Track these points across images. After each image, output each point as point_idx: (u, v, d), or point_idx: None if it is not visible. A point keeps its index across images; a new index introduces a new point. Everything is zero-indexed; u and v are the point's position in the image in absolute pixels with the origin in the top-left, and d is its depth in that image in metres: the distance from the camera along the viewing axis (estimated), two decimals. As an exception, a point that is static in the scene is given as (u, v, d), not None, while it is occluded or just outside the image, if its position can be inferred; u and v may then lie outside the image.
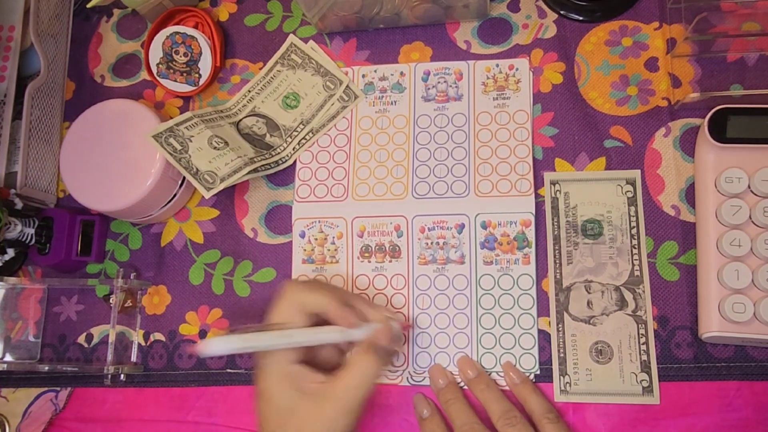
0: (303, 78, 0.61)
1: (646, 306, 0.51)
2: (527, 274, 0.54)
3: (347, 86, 0.60)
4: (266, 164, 0.58)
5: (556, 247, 0.54)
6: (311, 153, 0.60)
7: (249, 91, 0.62)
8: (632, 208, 0.53)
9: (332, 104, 0.60)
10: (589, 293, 0.52)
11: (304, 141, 0.59)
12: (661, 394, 0.50)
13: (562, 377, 0.51)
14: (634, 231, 0.52)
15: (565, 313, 0.52)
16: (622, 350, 0.51)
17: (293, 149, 0.59)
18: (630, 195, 0.53)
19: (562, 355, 0.52)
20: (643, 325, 0.51)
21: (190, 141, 0.56)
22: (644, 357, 0.50)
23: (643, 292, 0.52)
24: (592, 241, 0.53)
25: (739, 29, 0.54)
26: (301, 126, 0.59)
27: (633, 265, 0.52)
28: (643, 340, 0.51)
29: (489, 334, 0.53)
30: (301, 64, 0.60)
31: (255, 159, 0.57)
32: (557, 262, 0.54)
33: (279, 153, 0.59)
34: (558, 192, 0.54)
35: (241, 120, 0.59)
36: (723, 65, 0.55)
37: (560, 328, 0.52)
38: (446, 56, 0.60)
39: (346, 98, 0.59)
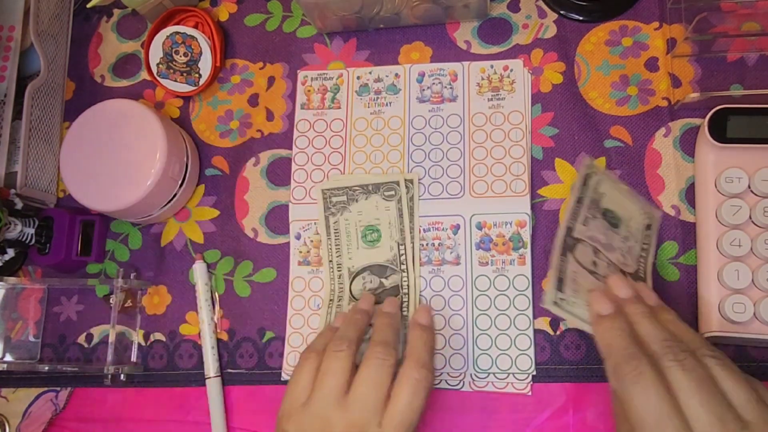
0: (363, 210, 0.57)
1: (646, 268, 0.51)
2: (523, 275, 0.54)
3: (402, 180, 0.57)
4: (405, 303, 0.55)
5: (578, 206, 0.50)
6: (306, 154, 0.60)
7: (330, 262, 0.57)
8: (648, 234, 0.52)
9: (404, 203, 0.56)
10: (596, 257, 0.49)
11: (413, 254, 0.56)
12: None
13: (557, 291, 0.47)
14: (645, 246, 0.52)
15: (569, 254, 0.48)
16: None
17: (414, 270, 0.55)
18: (648, 224, 0.52)
19: (561, 277, 0.48)
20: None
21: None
22: None
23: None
24: (609, 226, 0.51)
25: (739, 29, 0.54)
26: (400, 246, 0.56)
27: (639, 266, 0.51)
28: None
29: (485, 335, 0.53)
30: (346, 201, 0.57)
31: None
32: (574, 216, 0.50)
33: (406, 287, 0.55)
34: (594, 174, 0.51)
35: (351, 290, 0.56)
36: (723, 65, 0.55)
37: (564, 260, 0.48)
38: (446, 56, 0.60)
39: (409, 186, 0.57)
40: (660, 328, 0.40)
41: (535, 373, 0.52)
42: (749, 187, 0.50)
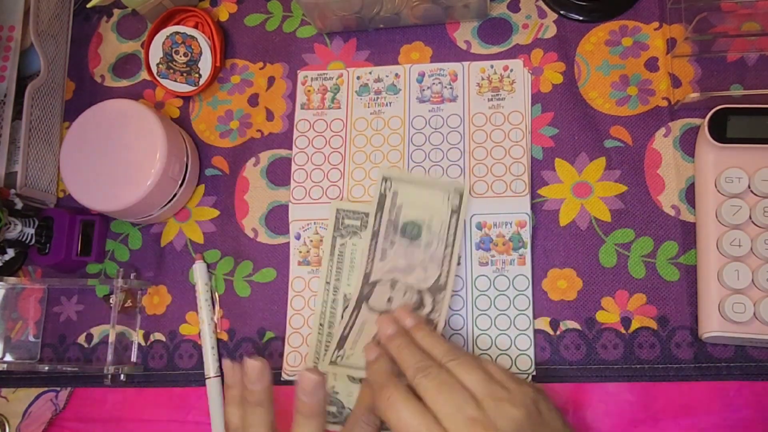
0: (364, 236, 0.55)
1: (441, 313, 0.51)
2: (523, 275, 0.54)
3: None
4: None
5: (373, 242, 0.53)
6: (306, 154, 0.60)
7: (327, 284, 0.56)
8: (453, 219, 0.53)
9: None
10: (392, 290, 0.52)
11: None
12: (661, 394, 0.50)
13: (338, 350, 0.52)
14: (450, 240, 0.52)
15: (364, 304, 0.53)
16: None
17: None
18: (455, 206, 0.53)
19: (346, 333, 0.52)
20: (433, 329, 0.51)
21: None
22: None
23: (443, 299, 0.52)
24: (409, 242, 0.53)
25: (739, 29, 0.54)
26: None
27: (441, 272, 0.52)
28: None
29: (485, 336, 0.53)
30: (359, 227, 0.55)
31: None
32: (371, 256, 0.53)
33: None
34: (388, 189, 0.53)
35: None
36: (723, 65, 0.55)
37: (354, 315, 0.52)
38: (446, 56, 0.60)
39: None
40: (414, 352, 0.45)
41: (535, 373, 0.52)
42: (749, 187, 0.50)
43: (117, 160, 0.57)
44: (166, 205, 0.59)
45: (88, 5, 0.66)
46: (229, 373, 0.48)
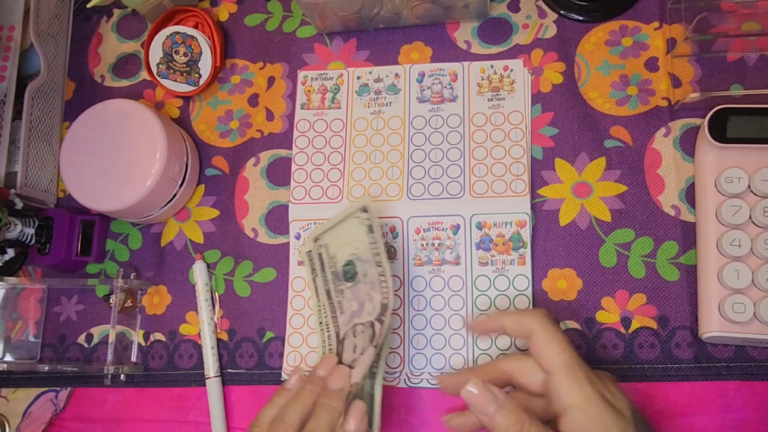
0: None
1: (382, 334, 0.47)
2: (523, 275, 0.54)
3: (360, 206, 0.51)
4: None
5: (330, 302, 0.52)
6: (306, 154, 0.60)
7: (320, 323, 0.53)
8: (371, 236, 0.48)
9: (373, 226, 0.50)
10: (355, 337, 0.49)
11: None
12: (661, 394, 0.50)
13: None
14: (378, 259, 0.48)
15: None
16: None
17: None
18: (367, 223, 0.48)
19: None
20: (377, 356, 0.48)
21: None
22: None
23: (385, 319, 0.48)
24: (352, 284, 0.50)
25: (739, 29, 0.54)
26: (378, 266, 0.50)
27: (382, 294, 0.48)
28: None
29: (485, 336, 0.53)
30: (321, 247, 0.53)
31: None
32: (333, 315, 0.51)
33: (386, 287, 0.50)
34: (321, 247, 0.50)
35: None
36: (723, 65, 0.55)
37: None
38: (446, 56, 0.60)
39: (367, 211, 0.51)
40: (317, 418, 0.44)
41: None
42: (749, 187, 0.50)
43: (117, 160, 0.57)
44: (166, 205, 0.59)
45: (88, 5, 0.66)
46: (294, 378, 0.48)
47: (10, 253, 0.60)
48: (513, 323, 0.46)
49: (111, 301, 0.59)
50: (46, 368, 0.59)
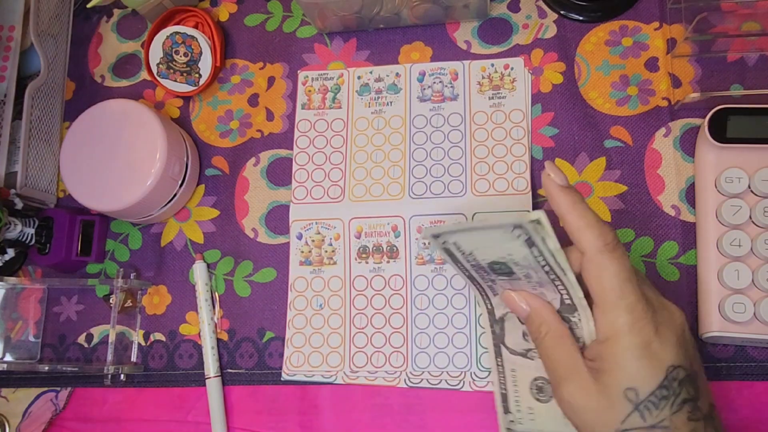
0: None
1: (584, 336, 0.41)
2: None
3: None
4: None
5: (476, 284, 0.46)
6: (307, 154, 0.60)
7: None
8: (534, 249, 0.39)
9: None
10: (522, 323, 0.45)
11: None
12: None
13: (505, 415, 0.46)
14: (547, 269, 0.40)
15: (502, 346, 0.47)
16: None
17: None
18: (526, 238, 0.39)
19: (503, 391, 0.46)
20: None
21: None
22: None
23: (579, 320, 0.41)
24: (507, 277, 0.43)
25: (739, 29, 0.54)
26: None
27: (561, 294, 0.42)
28: None
29: (488, 334, 0.53)
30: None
31: None
32: (483, 293, 0.46)
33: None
34: (445, 243, 0.42)
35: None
36: (723, 65, 0.55)
37: (499, 363, 0.47)
38: (446, 56, 0.60)
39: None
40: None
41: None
42: (749, 187, 0.50)
43: (117, 160, 0.57)
44: (166, 205, 0.59)
45: (88, 5, 0.65)
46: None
47: (10, 253, 0.60)
48: (581, 228, 0.40)
49: (111, 301, 0.59)
50: (46, 368, 0.59)
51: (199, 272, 0.59)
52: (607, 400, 0.38)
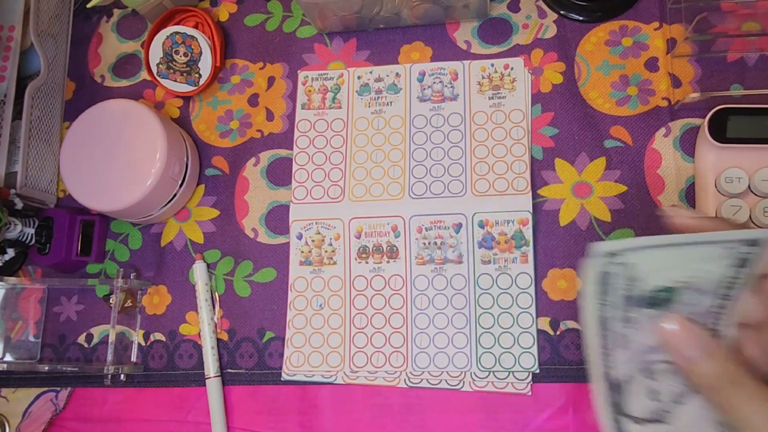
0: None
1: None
2: (525, 273, 0.54)
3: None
4: None
5: (604, 333, 0.36)
6: (307, 154, 0.60)
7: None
8: (743, 270, 0.33)
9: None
10: (652, 378, 0.36)
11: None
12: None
13: None
14: (732, 293, 0.34)
15: (623, 418, 0.36)
16: None
17: None
18: (742, 257, 0.33)
19: None
20: None
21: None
22: None
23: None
24: (656, 311, 0.35)
25: (739, 29, 0.54)
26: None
27: (708, 320, 0.35)
28: None
29: (488, 334, 0.53)
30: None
31: None
32: (605, 350, 0.36)
33: None
34: (612, 264, 0.34)
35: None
36: (723, 65, 0.55)
37: None
38: (446, 56, 0.60)
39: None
40: None
41: (538, 371, 0.52)
42: (749, 187, 0.50)
43: (117, 160, 0.57)
44: (166, 205, 0.59)
45: (88, 5, 0.65)
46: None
47: (10, 253, 0.60)
48: None
49: (111, 301, 0.59)
50: (46, 368, 0.59)
51: (199, 272, 0.59)
52: None
